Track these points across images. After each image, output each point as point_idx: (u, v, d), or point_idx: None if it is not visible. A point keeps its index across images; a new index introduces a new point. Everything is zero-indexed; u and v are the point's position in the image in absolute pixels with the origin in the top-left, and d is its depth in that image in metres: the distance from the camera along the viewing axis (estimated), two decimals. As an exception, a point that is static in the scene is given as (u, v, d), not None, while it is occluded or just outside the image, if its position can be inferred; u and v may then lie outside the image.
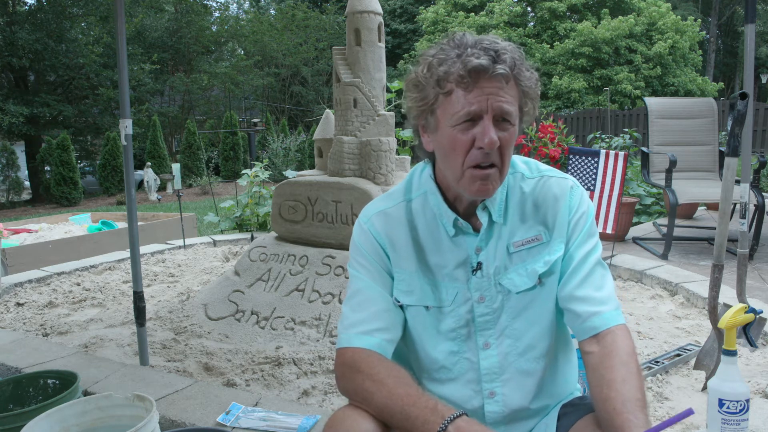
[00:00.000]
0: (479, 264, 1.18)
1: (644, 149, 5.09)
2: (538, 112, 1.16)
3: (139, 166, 14.39)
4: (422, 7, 24.10)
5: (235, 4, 31.08)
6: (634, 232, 5.36)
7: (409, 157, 3.89)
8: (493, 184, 1.10)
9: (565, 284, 1.17)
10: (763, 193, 4.51)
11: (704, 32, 23.76)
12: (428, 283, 1.20)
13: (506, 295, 1.18)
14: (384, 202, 1.26)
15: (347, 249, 3.54)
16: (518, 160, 1.25)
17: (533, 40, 20.23)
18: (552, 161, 5.94)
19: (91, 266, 4.51)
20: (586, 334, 1.13)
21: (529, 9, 21.90)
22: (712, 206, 6.29)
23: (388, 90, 5.49)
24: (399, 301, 1.21)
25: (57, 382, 2.08)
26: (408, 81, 1.15)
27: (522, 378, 1.20)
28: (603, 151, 3.95)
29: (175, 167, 14.49)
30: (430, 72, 1.09)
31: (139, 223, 3.41)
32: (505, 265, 1.18)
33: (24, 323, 3.34)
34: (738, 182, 2.44)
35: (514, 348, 1.19)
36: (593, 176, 3.98)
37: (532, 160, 1.26)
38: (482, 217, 1.18)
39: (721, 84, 21.02)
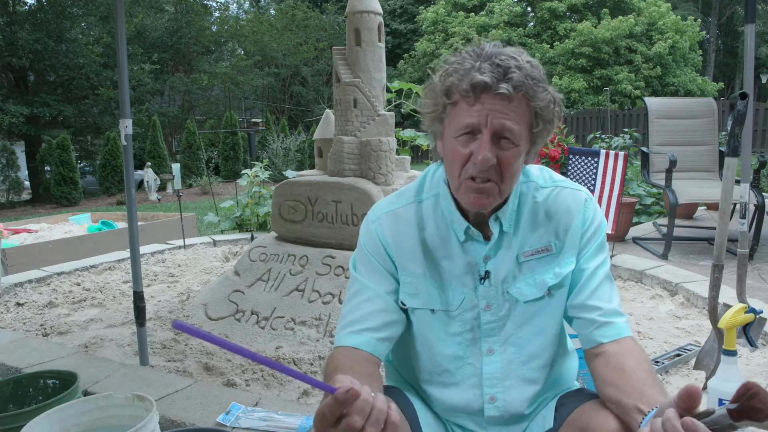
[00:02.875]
0: (487, 273, 1.18)
1: (644, 149, 5.09)
2: (551, 135, 1.13)
3: (139, 166, 14.38)
4: (422, 7, 24.12)
5: (235, 4, 31.13)
6: (634, 232, 5.35)
7: (409, 157, 3.89)
8: (490, 198, 1.09)
9: (577, 295, 1.17)
10: (763, 193, 4.51)
11: (704, 32, 23.77)
12: (435, 285, 1.19)
13: (513, 303, 1.18)
14: (394, 202, 1.26)
15: (347, 249, 3.55)
16: (532, 169, 1.24)
17: (533, 40, 20.25)
18: (552, 161, 5.94)
19: (91, 266, 4.51)
20: (597, 341, 1.13)
21: (529, 9, 21.92)
22: (712, 206, 6.29)
23: (388, 90, 5.49)
24: (405, 304, 1.20)
25: (57, 382, 2.07)
26: (425, 86, 1.15)
27: (523, 385, 1.20)
28: (603, 151, 3.95)
29: (175, 167, 14.49)
30: (442, 81, 1.09)
31: (139, 223, 3.41)
32: (513, 274, 1.18)
33: (24, 323, 3.34)
34: (738, 182, 2.44)
35: (517, 356, 1.19)
36: (593, 176, 3.98)
37: (546, 169, 1.25)
38: (494, 228, 1.17)
39: (721, 84, 21.05)
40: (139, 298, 2.52)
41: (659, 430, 0.81)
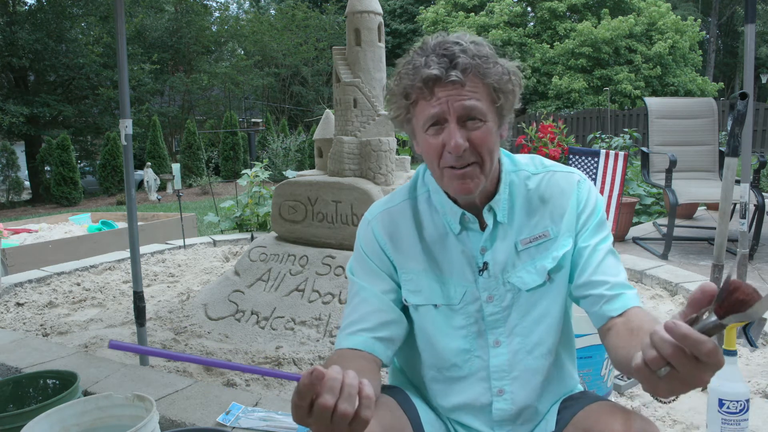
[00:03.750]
0: (485, 264, 1.18)
1: (644, 149, 5.09)
2: (518, 102, 1.14)
3: (139, 166, 14.38)
4: (422, 7, 24.10)
5: (235, 4, 31.11)
6: (634, 232, 5.36)
7: (409, 157, 3.89)
8: (475, 181, 1.10)
9: (581, 273, 1.16)
10: (763, 193, 4.51)
11: (704, 32, 23.77)
12: (436, 281, 1.20)
13: (516, 293, 1.18)
14: (389, 201, 1.27)
15: (347, 249, 3.55)
16: (522, 158, 1.24)
17: (533, 40, 20.24)
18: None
19: (91, 266, 4.51)
20: (609, 314, 1.11)
21: (529, 9, 21.91)
22: (712, 206, 6.29)
23: (388, 90, 5.49)
24: (408, 302, 1.21)
25: (57, 382, 2.08)
26: (386, 93, 1.18)
27: (529, 375, 1.20)
28: (603, 151, 3.95)
29: (175, 167, 14.49)
30: (398, 84, 1.12)
31: (139, 223, 3.41)
32: (513, 263, 1.18)
33: (24, 323, 3.34)
34: (738, 182, 2.44)
35: (523, 345, 1.19)
36: (593, 176, 3.98)
37: (536, 156, 1.25)
38: (488, 219, 1.18)
39: (721, 84, 21.03)
40: (139, 298, 2.52)
41: (647, 346, 0.79)
